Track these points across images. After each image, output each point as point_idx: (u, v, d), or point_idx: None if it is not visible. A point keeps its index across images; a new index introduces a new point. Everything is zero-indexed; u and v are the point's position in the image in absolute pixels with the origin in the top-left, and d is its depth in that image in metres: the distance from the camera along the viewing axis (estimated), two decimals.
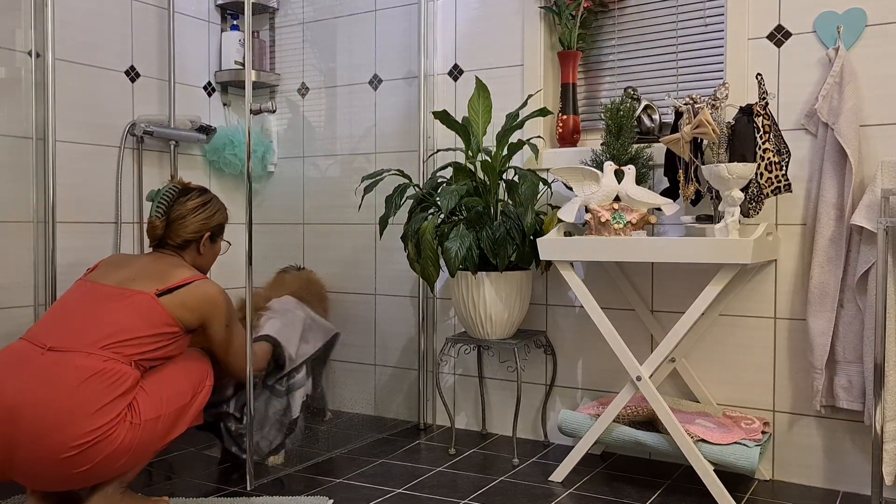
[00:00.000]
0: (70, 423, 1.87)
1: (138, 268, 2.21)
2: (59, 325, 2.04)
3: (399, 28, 3.14)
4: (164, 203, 2.30)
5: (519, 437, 2.90)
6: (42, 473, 1.91)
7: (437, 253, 2.57)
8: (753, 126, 2.23)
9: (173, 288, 2.14)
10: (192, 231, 2.31)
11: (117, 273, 2.19)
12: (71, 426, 1.87)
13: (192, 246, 2.34)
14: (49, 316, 2.10)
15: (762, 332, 2.48)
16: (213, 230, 2.37)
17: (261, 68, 3.43)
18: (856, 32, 2.31)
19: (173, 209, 2.30)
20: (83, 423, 1.87)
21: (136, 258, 2.30)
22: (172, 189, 2.33)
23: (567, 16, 2.72)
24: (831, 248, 2.28)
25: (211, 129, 3.25)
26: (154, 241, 2.32)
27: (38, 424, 1.86)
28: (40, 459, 1.88)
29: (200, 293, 2.17)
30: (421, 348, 3.06)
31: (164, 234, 2.30)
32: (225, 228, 2.45)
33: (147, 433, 1.99)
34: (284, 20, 3.44)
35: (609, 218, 2.33)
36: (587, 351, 2.79)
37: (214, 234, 2.39)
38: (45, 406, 1.87)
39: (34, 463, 1.88)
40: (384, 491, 2.33)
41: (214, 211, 2.37)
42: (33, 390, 1.89)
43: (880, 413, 2.08)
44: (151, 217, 2.29)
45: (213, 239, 2.39)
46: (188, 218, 2.30)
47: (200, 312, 2.18)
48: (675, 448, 2.25)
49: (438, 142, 3.06)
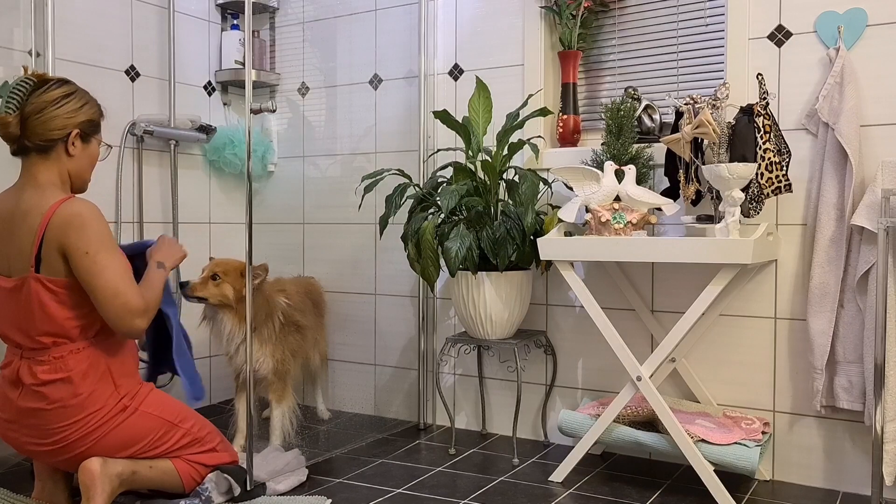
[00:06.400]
0: (57, 431, 1.99)
1: (5, 232, 1.96)
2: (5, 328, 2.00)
3: (399, 27, 3.14)
4: (18, 96, 1.91)
5: (519, 437, 2.90)
6: (54, 459, 2.06)
7: (437, 253, 2.57)
8: (754, 126, 2.23)
9: (39, 246, 1.89)
10: (55, 127, 1.93)
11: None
12: (58, 432, 1.99)
13: (59, 147, 1.96)
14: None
15: (762, 333, 2.48)
16: (81, 126, 1.98)
17: (261, 68, 3.43)
18: (856, 32, 2.30)
19: (28, 102, 1.92)
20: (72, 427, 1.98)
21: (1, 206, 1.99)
22: (26, 80, 1.94)
23: (567, 15, 2.72)
24: (832, 249, 2.28)
25: (211, 128, 3.25)
26: (11, 143, 1.96)
27: (30, 432, 2.00)
28: (53, 456, 2.03)
29: (58, 223, 1.88)
30: (421, 348, 3.06)
31: (20, 133, 1.92)
32: (101, 127, 2.07)
33: (141, 420, 2.07)
34: (284, 20, 3.44)
35: (609, 218, 2.33)
36: (587, 351, 2.79)
37: (86, 133, 2.01)
38: (27, 423, 1.99)
39: (42, 452, 2.03)
40: (384, 491, 2.33)
41: (82, 103, 2.00)
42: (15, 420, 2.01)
43: (880, 413, 2.08)
44: (1, 114, 1.90)
45: (84, 139, 2.01)
46: (47, 111, 1.92)
47: (58, 245, 1.89)
48: (675, 448, 2.25)
49: (438, 141, 3.06)
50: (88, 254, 1.89)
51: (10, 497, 2.21)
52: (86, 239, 1.89)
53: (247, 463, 2.29)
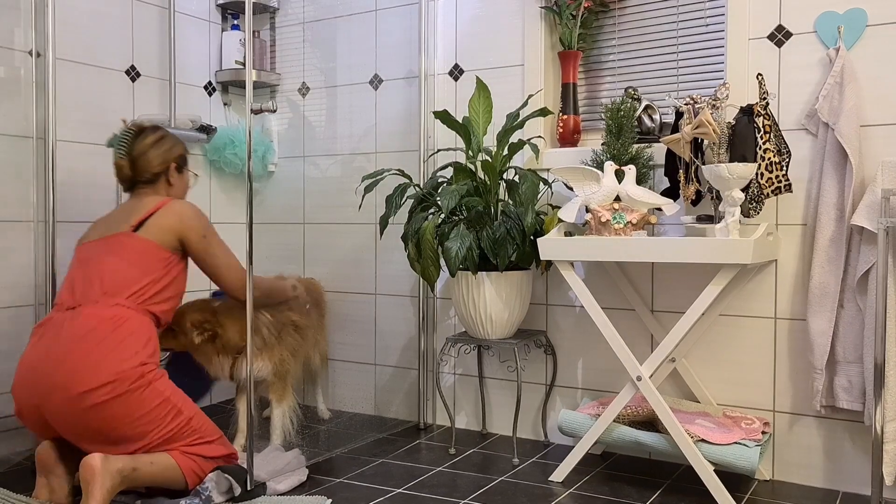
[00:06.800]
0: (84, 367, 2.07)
1: (115, 215, 2.40)
2: (68, 289, 2.26)
3: (399, 28, 3.14)
4: (124, 144, 2.42)
5: (519, 436, 2.90)
6: (69, 420, 2.09)
7: (437, 253, 2.57)
8: (754, 126, 2.23)
9: (145, 218, 2.30)
10: (158, 163, 2.42)
11: (99, 229, 2.38)
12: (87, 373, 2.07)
13: (162, 179, 2.44)
14: (63, 285, 2.31)
15: (762, 333, 2.48)
16: (176, 161, 2.47)
17: (261, 68, 3.43)
18: (856, 32, 2.30)
19: (134, 148, 2.41)
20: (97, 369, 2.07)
21: (115, 210, 2.47)
22: (128, 131, 2.45)
23: (567, 16, 2.72)
24: (832, 249, 2.28)
25: (211, 128, 3.25)
26: (125, 182, 2.43)
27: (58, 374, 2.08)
28: (64, 404, 2.07)
29: (171, 212, 2.34)
30: (421, 348, 3.06)
31: (131, 173, 2.41)
32: (188, 160, 2.55)
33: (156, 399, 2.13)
34: (285, 20, 3.44)
35: (609, 218, 2.33)
36: (587, 351, 2.79)
37: (179, 165, 2.49)
38: (62, 358, 2.09)
39: (62, 410, 2.08)
40: (384, 491, 2.33)
41: (172, 144, 2.48)
42: (52, 347, 2.13)
43: (880, 413, 2.08)
44: (115, 159, 2.41)
45: (179, 170, 2.49)
46: (149, 153, 2.41)
47: (175, 229, 2.32)
48: (675, 448, 2.25)
49: (439, 142, 3.06)
50: (206, 237, 2.37)
51: (10, 497, 2.21)
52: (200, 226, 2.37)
53: (247, 463, 2.29)
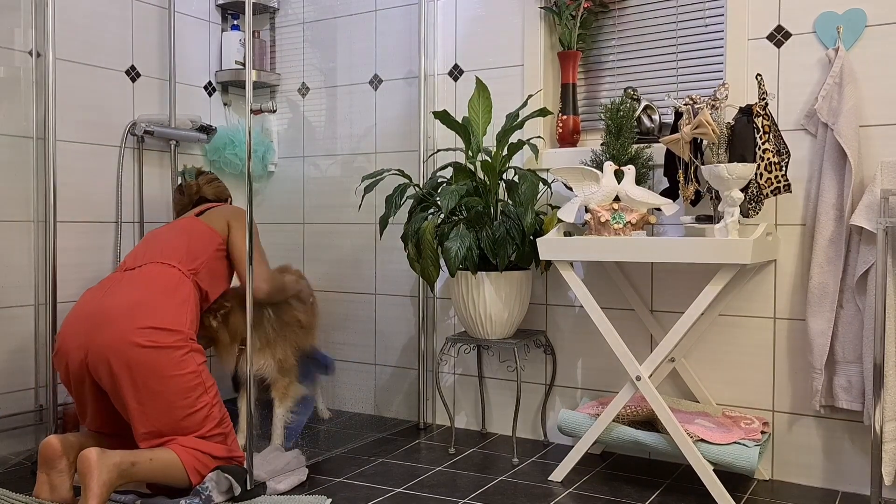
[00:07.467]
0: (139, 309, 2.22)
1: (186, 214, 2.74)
2: (132, 257, 2.48)
3: (399, 28, 3.14)
4: (194, 174, 2.86)
5: (519, 436, 2.90)
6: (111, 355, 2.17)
7: (437, 253, 2.57)
8: (753, 126, 2.23)
9: (205, 210, 2.66)
10: (224, 192, 2.90)
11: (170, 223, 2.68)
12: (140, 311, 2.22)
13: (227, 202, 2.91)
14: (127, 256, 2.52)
15: (762, 332, 2.49)
16: (229, 197, 2.94)
17: (261, 68, 3.43)
18: (856, 33, 2.31)
19: (204, 176, 2.86)
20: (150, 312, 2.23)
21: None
22: (193, 168, 2.89)
23: (567, 16, 2.72)
24: (831, 249, 2.28)
25: (211, 128, 3.25)
26: (193, 197, 2.81)
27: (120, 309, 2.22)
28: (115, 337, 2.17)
29: (227, 208, 2.69)
30: (421, 348, 3.06)
31: (201, 192, 2.82)
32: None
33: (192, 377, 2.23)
34: (285, 20, 3.45)
35: (609, 218, 2.33)
36: (587, 351, 2.79)
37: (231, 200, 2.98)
38: (119, 300, 2.25)
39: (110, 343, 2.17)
40: (384, 490, 2.33)
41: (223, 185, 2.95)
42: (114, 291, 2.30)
43: (879, 413, 2.08)
44: (188, 182, 2.84)
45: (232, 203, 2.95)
46: (214, 182, 2.88)
47: (227, 215, 2.62)
48: (674, 448, 2.26)
49: (438, 142, 3.07)
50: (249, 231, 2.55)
51: (10, 497, 2.21)
52: (247, 221, 2.49)
53: (247, 462, 2.30)
